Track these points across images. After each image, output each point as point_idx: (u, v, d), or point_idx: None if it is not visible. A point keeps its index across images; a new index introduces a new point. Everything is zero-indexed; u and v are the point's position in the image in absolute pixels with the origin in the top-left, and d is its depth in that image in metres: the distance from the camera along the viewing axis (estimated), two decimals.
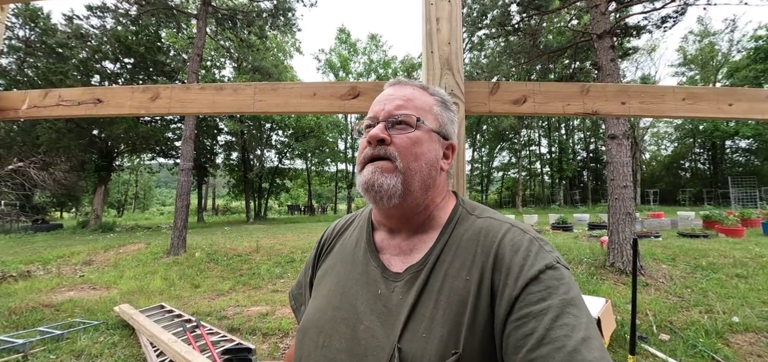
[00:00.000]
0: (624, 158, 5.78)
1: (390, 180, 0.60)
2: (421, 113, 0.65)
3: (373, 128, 0.64)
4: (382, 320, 0.56)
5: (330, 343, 0.58)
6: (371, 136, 0.62)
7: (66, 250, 8.70)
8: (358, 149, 0.66)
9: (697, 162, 35.51)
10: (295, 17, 13.50)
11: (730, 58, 28.55)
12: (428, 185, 0.64)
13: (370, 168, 0.61)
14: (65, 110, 1.44)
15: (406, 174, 0.61)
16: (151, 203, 53.72)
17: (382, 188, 0.59)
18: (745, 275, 5.39)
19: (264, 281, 6.21)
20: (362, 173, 0.62)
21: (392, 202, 0.60)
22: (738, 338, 3.46)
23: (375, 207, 0.67)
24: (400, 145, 0.62)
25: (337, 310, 0.61)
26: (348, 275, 0.65)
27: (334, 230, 0.79)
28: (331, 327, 0.59)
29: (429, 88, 0.70)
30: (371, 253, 0.66)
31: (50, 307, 4.73)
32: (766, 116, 1.35)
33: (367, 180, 0.61)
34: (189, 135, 9.05)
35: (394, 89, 0.68)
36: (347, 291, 0.63)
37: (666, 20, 8.15)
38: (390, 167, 0.61)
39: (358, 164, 0.65)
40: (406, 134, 0.62)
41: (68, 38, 15.50)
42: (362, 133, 0.68)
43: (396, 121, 0.63)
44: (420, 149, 0.63)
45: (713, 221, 10.16)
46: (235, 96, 1.30)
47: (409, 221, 0.65)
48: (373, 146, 0.62)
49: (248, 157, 26.28)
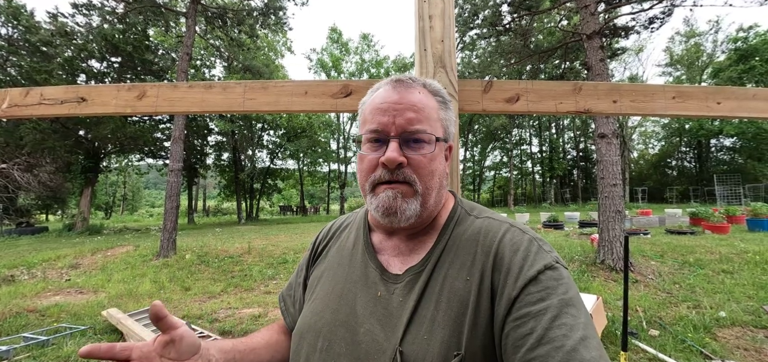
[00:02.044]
0: (613, 156, 5.86)
1: (412, 205, 0.58)
2: (433, 125, 0.61)
3: (381, 142, 0.59)
4: (382, 323, 0.55)
5: (330, 347, 0.57)
6: (388, 160, 0.56)
7: (52, 253, 8.49)
8: (362, 165, 0.61)
9: (683, 160, 36.31)
10: (286, 16, 13.39)
11: (714, 59, 29.26)
12: (440, 197, 0.63)
13: (389, 193, 0.57)
14: (47, 109, 1.39)
15: (424, 195, 0.59)
16: (140, 205, 52.93)
17: (404, 214, 0.57)
18: (731, 270, 5.51)
19: (256, 282, 6.15)
20: (377, 196, 0.58)
21: (409, 222, 0.59)
22: (725, 332, 3.53)
23: (385, 225, 0.63)
24: (418, 166, 0.58)
25: (335, 313, 0.60)
26: (346, 277, 0.64)
27: (329, 232, 0.77)
28: (330, 330, 0.58)
29: (427, 85, 0.65)
30: (370, 254, 0.65)
31: (35, 312, 4.60)
32: (752, 114, 1.37)
33: (387, 206, 0.57)
34: (178, 135, 8.91)
35: (399, 93, 0.61)
36: (346, 293, 0.61)
37: (653, 21, 8.29)
38: (410, 192, 0.58)
39: (368, 183, 0.60)
40: (423, 154, 0.59)
41: (52, 36, 15.12)
42: (361, 143, 0.62)
43: (411, 138, 0.59)
44: (435, 166, 0.60)
45: (700, 218, 10.38)
46: (225, 95, 1.27)
47: (412, 226, 0.63)
48: (390, 171, 0.57)
49: (239, 157, 26.04)
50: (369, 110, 0.62)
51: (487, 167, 40.94)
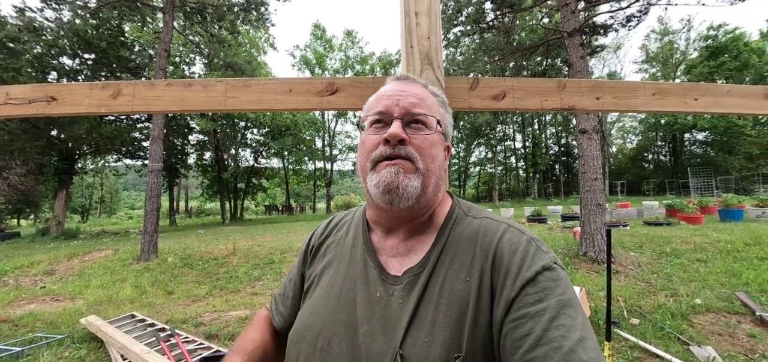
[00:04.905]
0: (594, 151, 6.01)
1: (413, 181, 0.58)
2: (434, 114, 0.64)
3: (384, 124, 0.61)
4: (382, 325, 0.55)
5: (329, 347, 0.56)
6: (391, 135, 0.58)
7: (25, 260, 8.10)
8: (363, 146, 0.63)
9: (659, 154, 37.65)
10: (268, 12, 13.11)
11: (687, 56, 30.42)
12: (439, 187, 0.64)
13: (391, 169, 0.57)
14: (14, 109, 1.31)
15: (425, 176, 0.60)
16: (118, 207, 51.26)
17: (406, 190, 0.57)
18: (705, 259, 5.75)
19: (242, 284, 6.03)
20: (379, 173, 0.58)
21: (408, 204, 0.58)
22: (700, 318, 3.68)
23: (382, 208, 0.61)
24: (420, 146, 0.60)
25: (335, 312, 0.60)
26: (345, 275, 0.64)
27: (326, 229, 0.77)
28: (330, 330, 0.58)
29: (429, 87, 0.69)
30: (369, 253, 0.64)
31: (8, 322, 4.38)
32: (727, 110, 1.42)
33: (388, 181, 0.57)
34: (158, 135, 8.63)
35: (403, 85, 0.65)
36: (346, 292, 0.61)
37: (631, 19, 8.53)
38: (412, 168, 0.59)
39: (368, 161, 0.60)
40: (424, 135, 0.61)
41: (20, 32, 14.36)
42: (365, 128, 0.65)
43: (413, 119, 0.61)
44: (435, 151, 0.62)
45: (675, 209, 10.79)
46: (206, 93, 1.22)
47: (411, 222, 0.64)
48: (392, 146, 0.58)
49: (222, 156, 25.43)
50: (374, 100, 0.66)
51: (472, 163, 41.43)
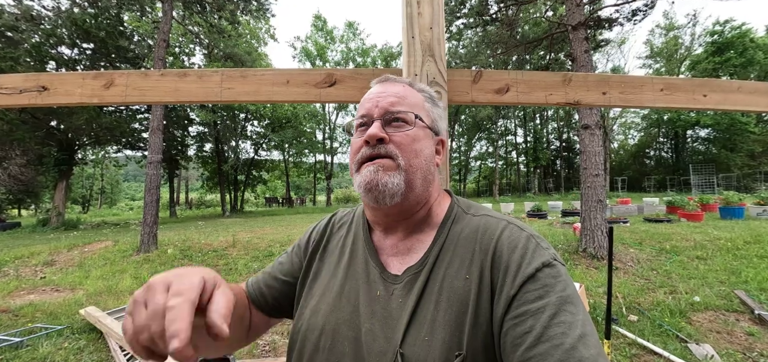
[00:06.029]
0: (596, 147, 5.96)
1: (393, 178, 0.59)
2: (416, 110, 0.65)
3: (367, 126, 0.63)
4: (382, 324, 0.56)
5: (333, 346, 0.57)
6: (370, 135, 0.60)
7: (25, 250, 8.11)
8: (351, 150, 0.65)
9: (660, 151, 37.51)
10: (268, 2, 12.98)
11: (692, 51, 30.14)
12: (429, 181, 0.64)
13: (370, 168, 0.59)
14: (5, 99, 1.28)
15: (408, 172, 0.60)
16: (118, 198, 51.29)
17: (387, 188, 0.58)
18: (705, 257, 5.74)
19: (242, 276, 6.04)
20: (361, 174, 0.60)
21: (394, 201, 0.59)
22: (699, 316, 3.68)
23: (373, 207, 0.64)
24: (400, 142, 0.61)
25: (338, 311, 0.60)
26: (347, 274, 0.64)
27: (327, 226, 0.76)
28: (333, 328, 0.58)
29: (415, 84, 0.70)
30: (370, 252, 0.65)
31: (8, 313, 4.39)
32: (736, 107, 1.39)
33: (368, 181, 0.58)
34: (157, 126, 8.58)
35: (384, 86, 0.67)
36: (347, 291, 0.62)
37: (636, 13, 8.41)
38: (392, 166, 0.59)
39: (354, 163, 0.63)
40: (405, 132, 0.62)
41: (17, 20, 14.23)
42: (352, 132, 0.66)
43: (392, 118, 0.62)
44: (419, 146, 0.62)
45: (676, 206, 10.75)
46: (201, 83, 1.19)
47: (407, 219, 0.64)
48: (371, 146, 0.60)
49: (222, 148, 25.36)
50: (360, 105, 0.67)
51: (473, 157, 41.32)
